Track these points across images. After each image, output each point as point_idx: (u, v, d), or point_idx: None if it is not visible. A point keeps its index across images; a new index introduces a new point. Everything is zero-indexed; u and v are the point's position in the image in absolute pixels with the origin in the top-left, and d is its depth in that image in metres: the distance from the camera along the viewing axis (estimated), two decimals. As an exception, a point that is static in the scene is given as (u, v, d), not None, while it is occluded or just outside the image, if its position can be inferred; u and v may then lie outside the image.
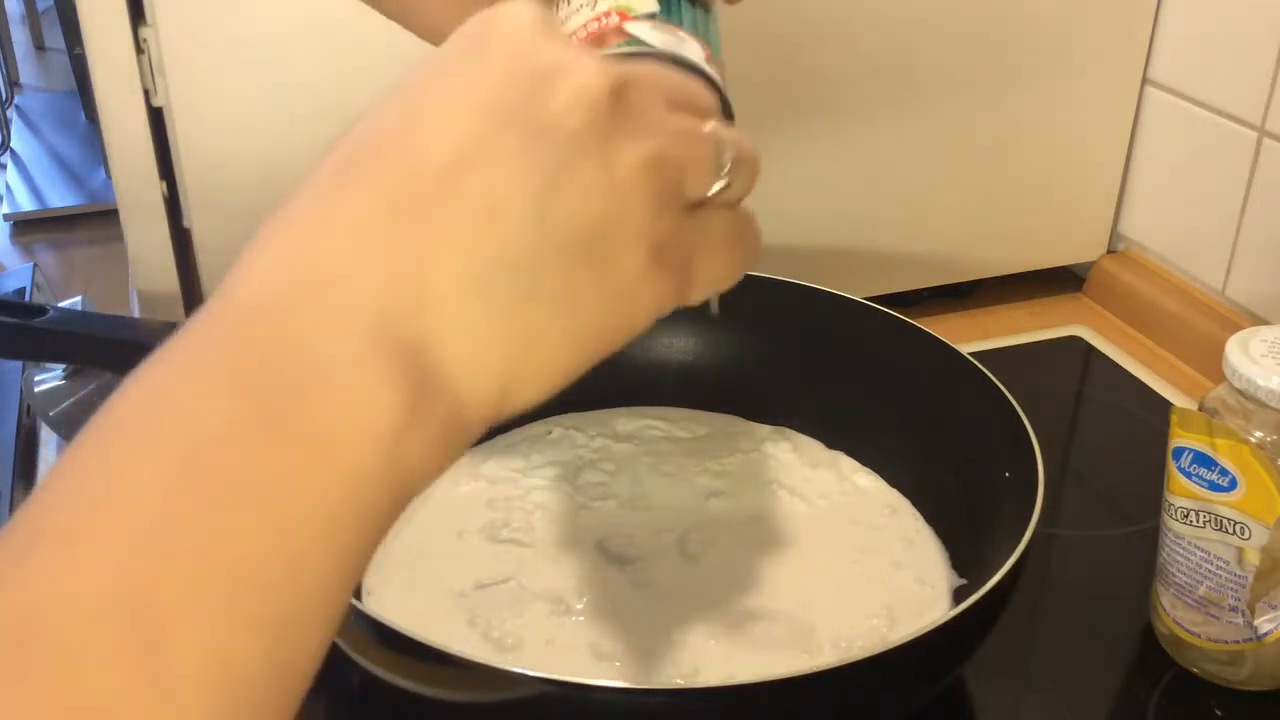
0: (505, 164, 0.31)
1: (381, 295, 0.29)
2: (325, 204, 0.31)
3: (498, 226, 0.30)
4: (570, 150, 0.31)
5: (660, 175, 0.33)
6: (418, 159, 0.31)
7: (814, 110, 0.82)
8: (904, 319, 0.72)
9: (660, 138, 0.33)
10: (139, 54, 0.68)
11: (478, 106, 0.31)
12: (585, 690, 0.50)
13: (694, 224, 0.35)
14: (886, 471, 0.71)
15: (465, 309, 0.30)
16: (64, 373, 1.04)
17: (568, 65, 0.32)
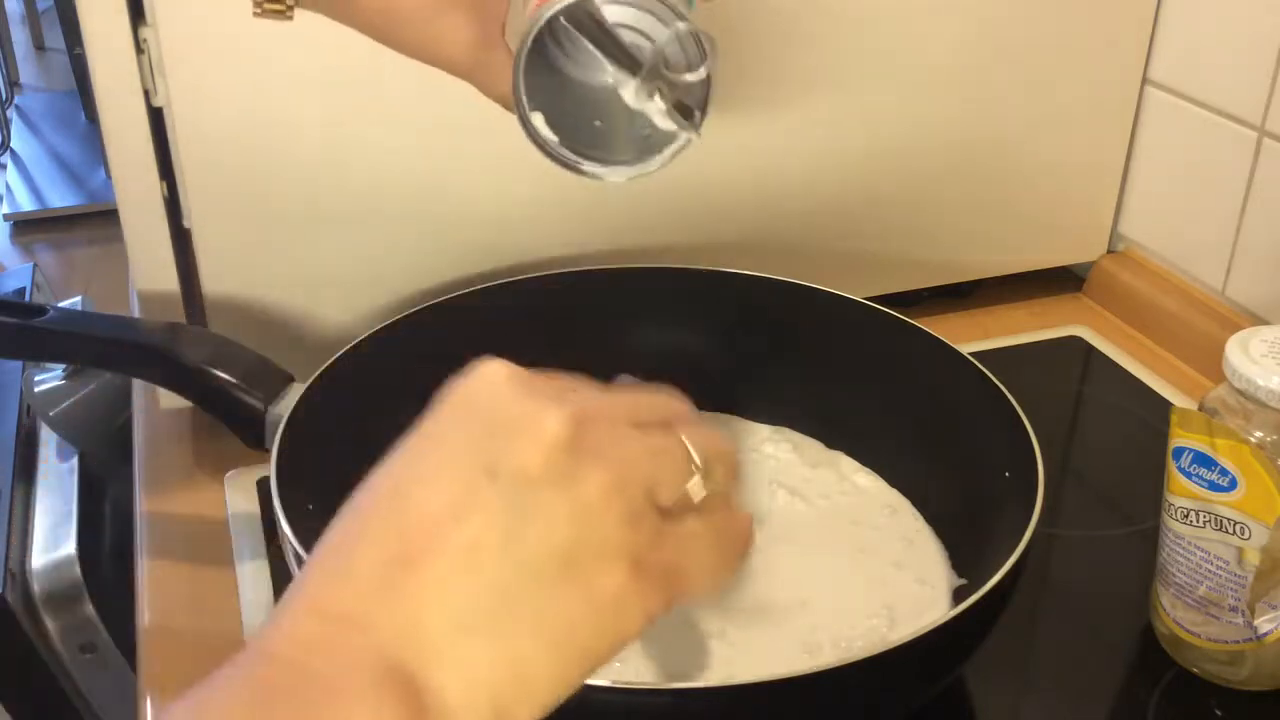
0: (479, 512, 0.35)
1: (385, 637, 0.34)
2: (334, 567, 0.36)
3: (476, 567, 0.35)
4: (536, 489, 0.36)
5: (624, 494, 0.37)
6: (410, 518, 0.36)
7: (814, 110, 0.82)
8: (904, 319, 0.72)
9: (621, 461, 0.37)
10: (139, 54, 0.68)
11: (455, 466, 0.36)
12: (585, 690, 0.50)
13: (676, 529, 0.38)
14: (886, 471, 0.71)
15: (455, 645, 0.35)
16: (64, 373, 1.04)
17: (532, 416, 0.36)
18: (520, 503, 0.35)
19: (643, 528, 0.37)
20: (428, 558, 0.35)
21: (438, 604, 0.35)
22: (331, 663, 0.34)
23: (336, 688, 0.33)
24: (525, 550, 0.35)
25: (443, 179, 0.76)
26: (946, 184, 0.88)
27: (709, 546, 0.40)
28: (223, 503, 0.74)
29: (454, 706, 0.34)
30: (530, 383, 0.38)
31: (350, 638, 0.34)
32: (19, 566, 0.95)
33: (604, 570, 0.36)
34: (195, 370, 0.64)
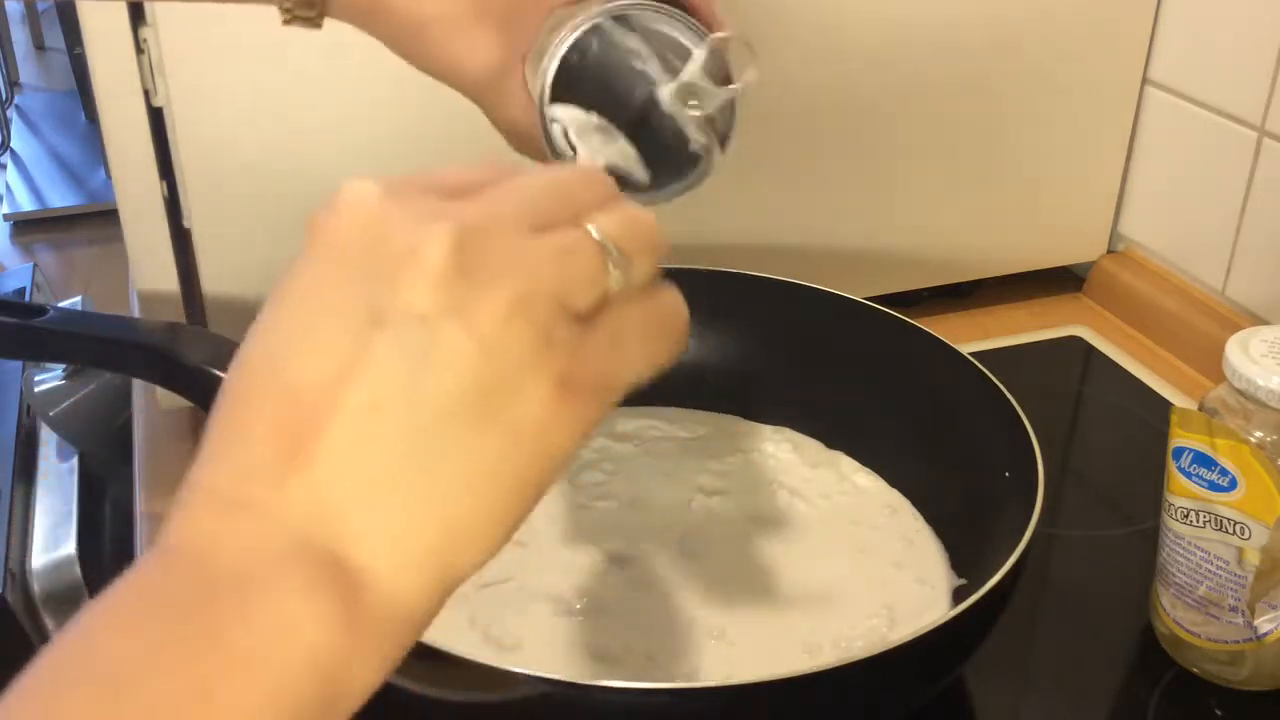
0: (370, 368, 0.32)
1: (291, 516, 0.31)
2: (223, 449, 0.33)
3: (378, 430, 0.31)
4: (426, 329, 0.32)
5: (531, 312, 0.32)
6: (292, 386, 0.32)
7: (814, 111, 0.82)
8: (904, 319, 0.72)
9: (519, 273, 0.33)
10: (139, 54, 0.68)
11: (334, 320, 0.32)
12: (585, 690, 0.50)
13: (599, 330, 0.34)
14: (886, 471, 0.71)
15: (371, 514, 0.31)
16: (64, 373, 1.04)
17: (410, 244, 0.32)
18: (415, 348, 0.31)
19: (557, 343, 0.33)
20: (322, 429, 0.31)
21: (343, 477, 0.31)
22: (241, 556, 0.31)
23: (253, 581, 0.30)
24: (430, 400, 0.32)
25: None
26: (946, 184, 0.88)
27: (638, 341, 0.36)
28: (223, 503, 0.74)
29: (387, 577, 0.31)
30: (402, 200, 0.33)
31: (255, 526, 0.31)
32: (19, 566, 0.95)
33: (524, 399, 0.32)
34: (195, 370, 0.64)
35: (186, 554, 0.31)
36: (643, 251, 0.35)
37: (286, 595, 0.30)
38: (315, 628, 0.30)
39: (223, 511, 0.32)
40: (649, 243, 0.36)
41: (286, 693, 0.29)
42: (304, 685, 0.30)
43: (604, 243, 0.34)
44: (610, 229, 0.35)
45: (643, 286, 0.36)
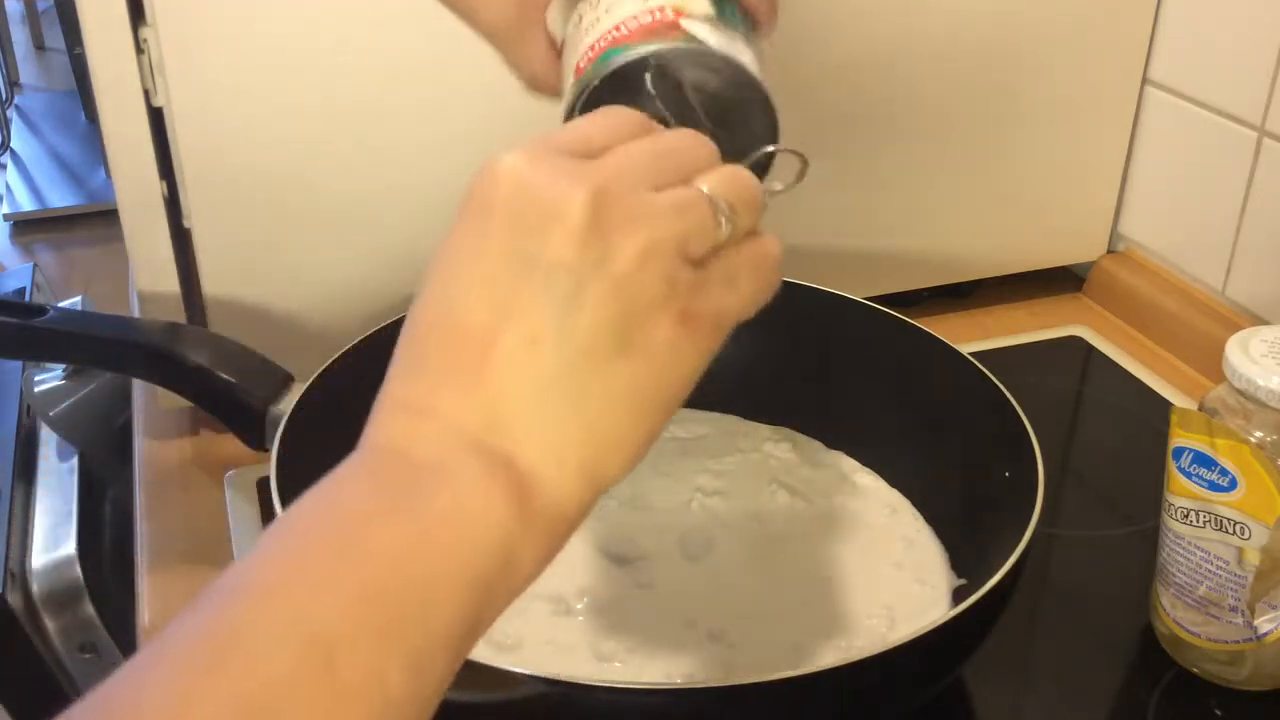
0: (529, 309, 0.38)
1: (469, 427, 0.37)
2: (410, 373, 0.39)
3: (538, 358, 0.38)
4: (572, 275, 0.37)
5: (657, 258, 0.38)
6: (462, 326, 0.38)
7: (814, 111, 0.82)
8: (904, 319, 0.72)
9: (646, 226, 0.38)
10: (139, 54, 0.68)
11: (494, 271, 0.38)
12: (585, 690, 0.50)
13: (713, 273, 0.40)
14: (886, 471, 0.71)
15: (533, 426, 0.38)
16: (64, 373, 1.04)
17: (554, 203, 0.38)
18: (563, 291, 0.37)
19: (679, 283, 0.39)
20: (491, 354, 0.37)
21: (511, 393, 0.37)
22: (429, 449, 0.37)
23: (445, 468, 0.36)
24: (579, 334, 0.38)
25: (443, 178, 0.76)
26: (946, 183, 0.88)
27: (746, 280, 0.41)
28: (223, 503, 0.74)
29: (550, 478, 0.37)
30: (543, 165, 0.39)
31: (439, 426, 0.37)
32: (19, 566, 0.95)
33: (653, 330, 0.38)
34: (195, 370, 0.64)
35: (388, 449, 0.37)
36: (746, 206, 0.41)
37: (474, 478, 0.36)
38: (498, 506, 0.36)
39: (414, 416, 0.38)
40: (750, 198, 0.42)
41: (474, 558, 0.35)
42: (487, 553, 0.36)
43: (714, 199, 0.40)
44: (718, 188, 0.41)
45: (746, 234, 0.42)
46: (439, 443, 0.37)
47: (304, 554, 0.34)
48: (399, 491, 0.36)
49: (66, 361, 1.00)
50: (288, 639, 0.32)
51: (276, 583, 0.33)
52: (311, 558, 0.34)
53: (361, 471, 0.37)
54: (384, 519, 0.35)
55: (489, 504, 0.36)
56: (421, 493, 0.36)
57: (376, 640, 0.33)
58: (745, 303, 0.42)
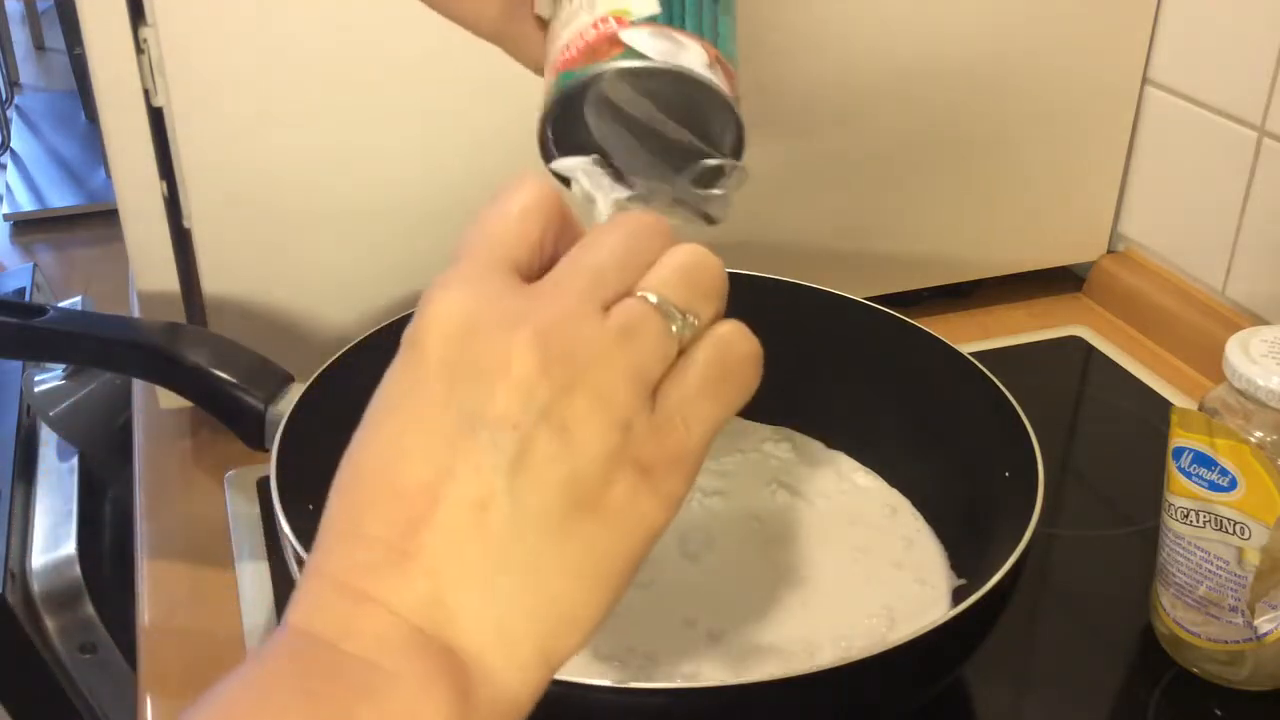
0: (473, 470, 0.34)
1: (409, 613, 0.34)
2: (344, 541, 0.35)
3: (482, 524, 0.34)
4: (518, 433, 0.34)
5: (609, 405, 0.35)
6: (400, 489, 0.35)
7: (814, 111, 0.82)
8: (904, 319, 0.72)
9: (594, 369, 0.35)
10: (139, 54, 0.68)
11: (434, 429, 0.35)
12: (585, 690, 0.50)
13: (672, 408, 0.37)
14: (886, 471, 0.71)
15: (480, 606, 0.34)
16: (64, 373, 1.04)
17: (495, 357, 0.35)
18: (510, 450, 0.34)
19: (636, 428, 0.36)
20: (431, 523, 0.34)
21: (455, 567, 0.34)
22: (362, 641, 0.34)
23: (378, 670, 0.33)
24: (527, 495, 0.34)
25: (443, 177, 0.76)
26: (947, 184, 0.88)
27: (715, 396, 0.38)
28: (223, 503, 0.74)
29: (497, 665, 0.34)
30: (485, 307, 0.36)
31: (375, 614, 0.34)
32: (19, 566, 0.95)
33: (609, 486, 0.35)
34: (195, 370, 0.64)
35: (318, 638, 0.34)
36: (704, 297, 0.38)
37: (410, 685, 0.33)
38: (438, 713, 0.33)
39: (350, 602, 0.34)
40: (708, 286, 0.38)
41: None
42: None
43: (664, 306, 0.37)
44: (667, 290, 0.37)
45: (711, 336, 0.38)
46: (375, 635, 0.34)
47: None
48: (327, 697, 0.33)
49: (66, 361, 1.00)
50: None
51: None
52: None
53: (288, 669, 0.34)
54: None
55: (430, 711, 0.33)
56: (352, 702, 0.32)
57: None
58: (708, 427, 0.38)
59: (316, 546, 0.36)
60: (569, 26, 0.49)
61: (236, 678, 0.33)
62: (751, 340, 0.39)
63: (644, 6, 0.48)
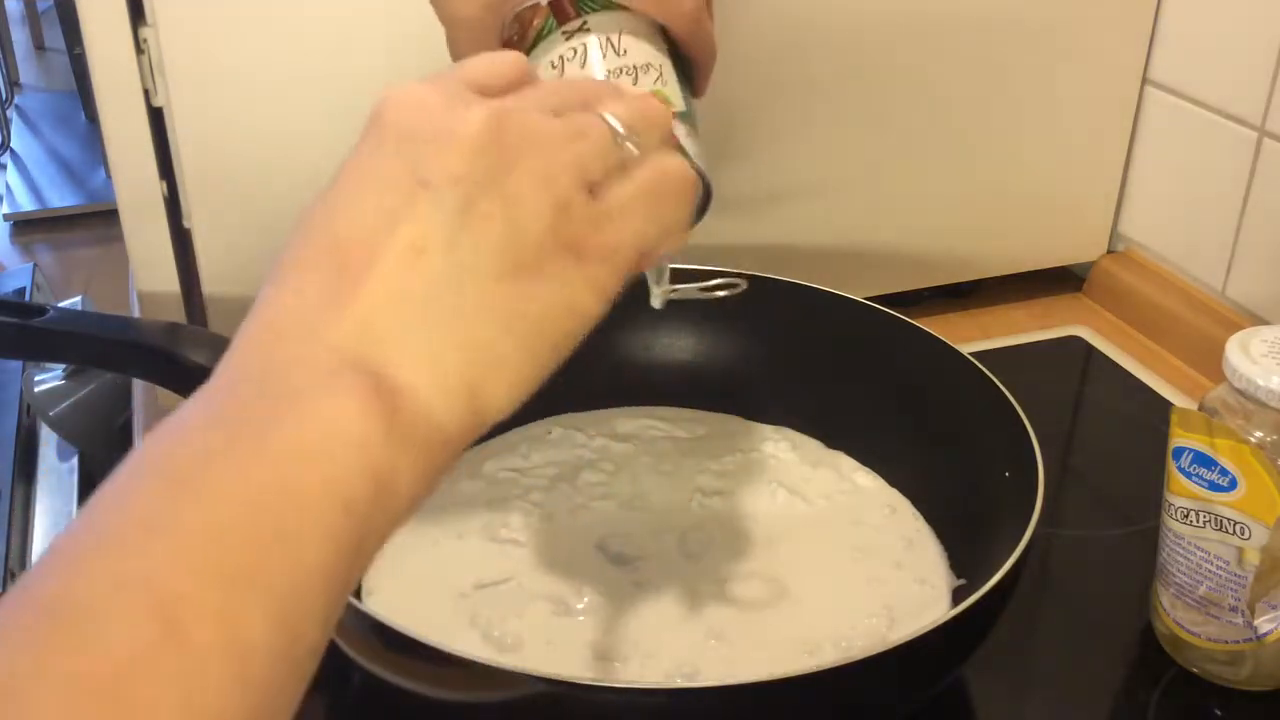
0: (415, 218, 0.37)
1: (338, 340, 0.35)
2: (283, 286, 0.37)
3: (421, 267, 0.36)
4: (461, 189, 0.37)
5: (550, 181, 0.38)
6: (342, 236, 0.37)
7: (814, 110, 0.82)
8: (904, 319, 0.72)
9: (545, 149, 0.38)
10: (139, 54, 0.68)
11: (383, 179, 0.38)
12: (585, 690, 0.50)
13: (609, 205, 0.40)
14: (886, 471, 0.71)
15: (411, 338, 0.36)
16: (64, 373, 1.04)
17: (450, 122, 0.38)
18: (452, 205, 0.37)
19: (574, 213, 0.38)
20: (371, 263, 0.36)
21: (388, 304, 0.36)
22: (293, 372, 0.35)
23: (304, 390, 0.34)
24: (464, 249, 0.37)
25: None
26: (946, 184, 0.88)
27: (648, 209, 0.41)
28: (223, 503, 0.73)
29: (425, 395, 0.35)
30: (442, 89, 0.38)
31: (306, 347, 0.35)
32: (19, 566, 0.95)
33: (544, 261, 0.38)
34: (195, 370, 0.64)
35: (244, 375, 0.35)
36: (649, 125, 0.41)
37: (335, 399, 0.34)
38: (362, 424, 0.34)
39: (278, 338, 0.36)
40: (654, 119, 0.42)
41: (339, 483, 0.33)
42: (354, 479, 0.33)
43: (612, 121, 0.40)
44: (618, 110, 0.41)
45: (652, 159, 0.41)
46: (301, 365, 0.35)
47: (145, 503, 0.31)
48: (250, 421, 0.33)
49: (66, 361, 1.00)
50: (128, 601, 0.29)
51: (114, 538, 0.30)
52: (153, 507, 0.31)
53: (210, 404, 0.34)
54: (232, 453, 0.32)
55: (352, 424, 0.34)
56: (277, 421, 0.33)
57: (227, 590, 0.30)
58: (641, 232, 0.40)
59: (257, 299, 0.37)
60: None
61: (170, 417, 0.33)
62: (688, 170, 0.42)
63: (678, 100, 0.52)
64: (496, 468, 0.70)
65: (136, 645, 0.28)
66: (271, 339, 0.36)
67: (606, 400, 0.75)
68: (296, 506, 0.32)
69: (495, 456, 0.71)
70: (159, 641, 0.28)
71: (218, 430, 0.33)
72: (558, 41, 0.52)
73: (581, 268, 0.38)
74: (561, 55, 0.52)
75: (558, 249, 0.38)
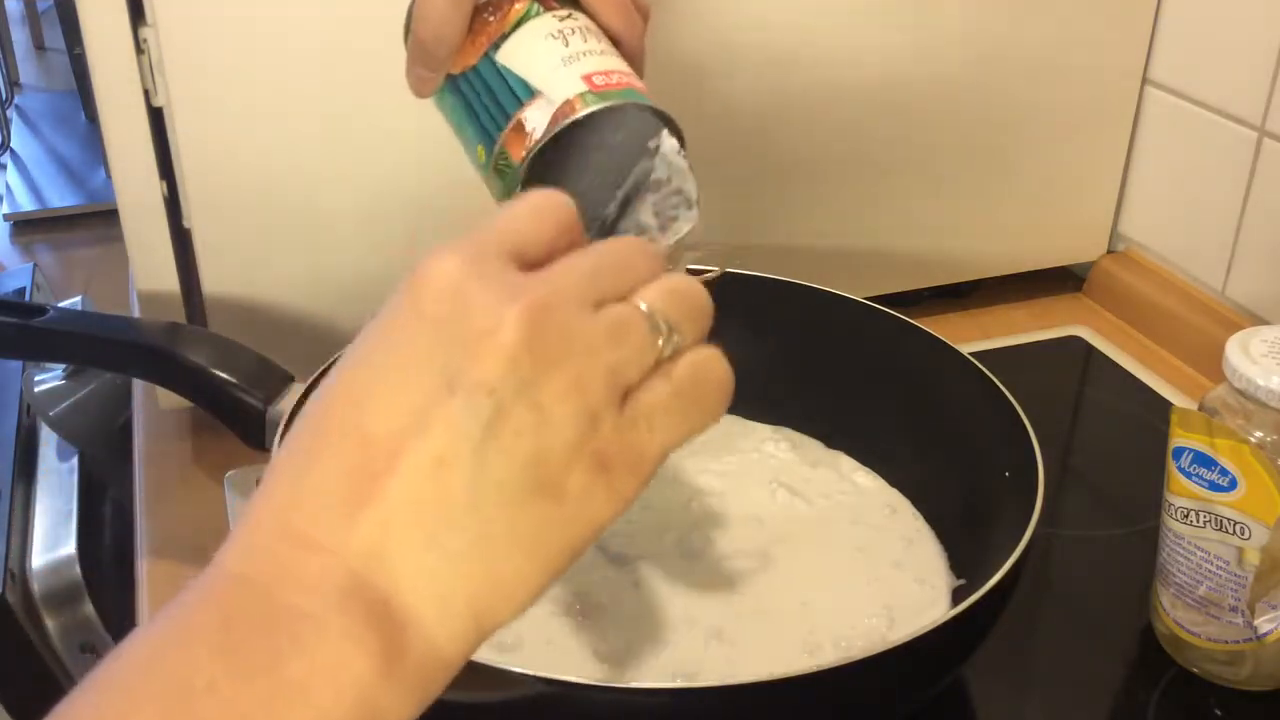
0: (442, 427, 0.34)
1: (348, 559, 0.34)
2: (295, 482, 0.35)
3: (442, 482, 0.34)
4: (495, 400, 0.34)
5: (586, 393, 0.35)
6: (368, 433, 0.35)
7: (813, 111, 0.82)
8: (904, 319, 0.72)
9: (579, 354, 0.36)
10: (139, 54, 0.68)
11: (413, 378, 0.35)
12: (585, 690, 0.50)
13: (641, 411, 0.37)
14: (886, 471, 0.71)
15: (423, 559, 0.34)
16: (64, 373, 1.04)
17: (487, 321, 0.35)
18: (483, 415, 0.34)
19: (604, 423, 0.36)
20: (392, 472, 0.34)
21: (405, 521, 0.34)
22: (297, 587, 0.33)
23: (303, 613, 0.33)
24: (490, 464, 0.34)
25: (444, 178, 0.76)
26: (946, 184, 0.88)
27: (683, 414, 0.38)
28: (223, 502, 0.74)
29: (430, 622, 0.34)
30: (482, 274, 0.36)
31: (315, 560, 0.34)
32: (19, 566, 0.95)
33: (569, 473, 0.35)
34: (195, 370, 0.64)
35: (252, 582, 0.34)
36: (690, 319, 0.38)
37: (341, 634, 0.33)
38: (363, 666, 0.33)
39: (289, 545, 0.34)
40: (695, 309, 0.39)
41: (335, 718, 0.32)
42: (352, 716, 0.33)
43: (653, 315, 0.37)
44: (658, 303, 0.38)
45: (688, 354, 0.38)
46: (312, 583, 0.33)
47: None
48: (250, 649, 0.32)
49: (66, 361, 1.00)
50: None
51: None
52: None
53: (214, 612, 0.33)
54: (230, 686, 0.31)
55: (359, 661, 0.33)
56: (277, 653, 0.32)
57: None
58: (669, 441, 0.38)
59: (263, 485, 0.35)
60: (581, 61, 0.51)
61: (160, 622, 0.32)
62: (726, 368, 0.39)
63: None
64: (496, 468, 0.70)
65: None
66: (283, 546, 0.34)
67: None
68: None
69: (495, 456, 0.71)
70: None
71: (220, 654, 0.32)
72: (549, 19, 0.53)
73: (607, 481, 0.36)
74: (561, 30, 0.52)
75: (583, 463, 0.36)
